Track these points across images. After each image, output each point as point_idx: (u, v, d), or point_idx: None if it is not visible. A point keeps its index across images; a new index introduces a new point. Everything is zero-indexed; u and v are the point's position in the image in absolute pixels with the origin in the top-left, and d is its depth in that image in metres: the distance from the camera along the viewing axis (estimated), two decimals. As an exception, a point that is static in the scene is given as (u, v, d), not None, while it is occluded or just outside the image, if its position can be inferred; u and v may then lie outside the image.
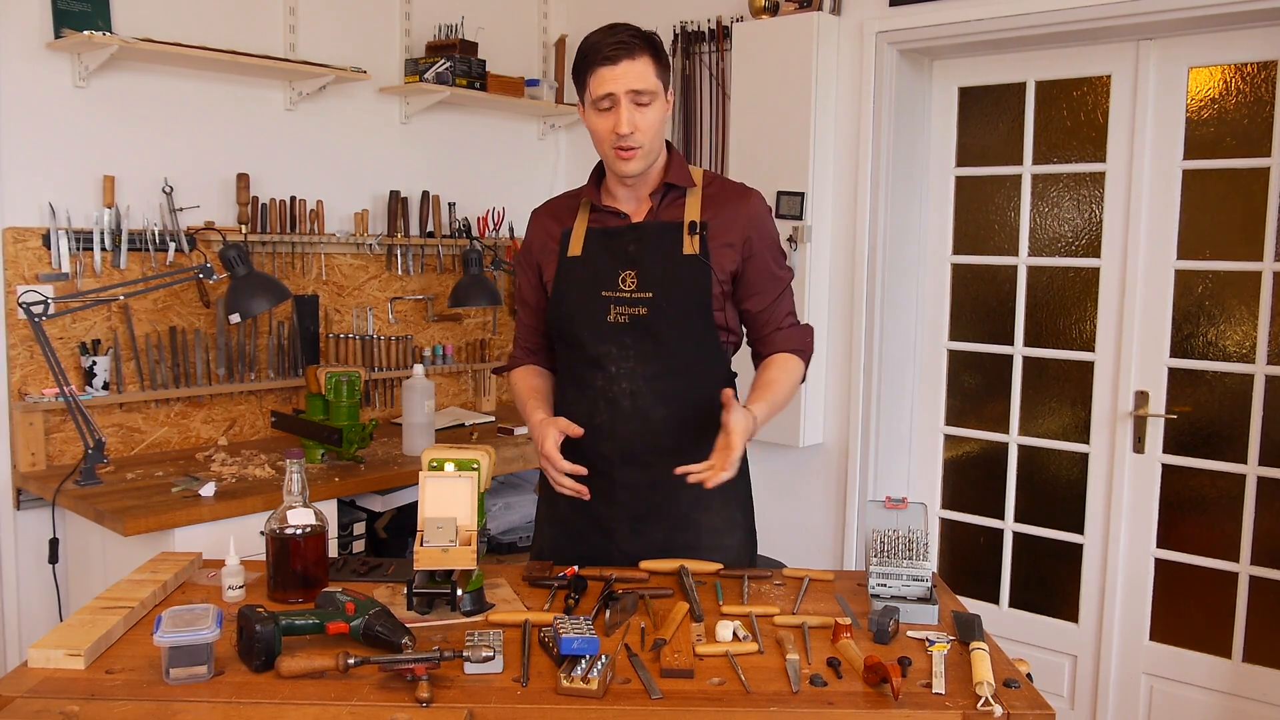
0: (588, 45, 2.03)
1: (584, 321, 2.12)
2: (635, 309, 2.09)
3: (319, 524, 1.93)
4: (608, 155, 2.08)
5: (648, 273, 2.10)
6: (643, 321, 2.09)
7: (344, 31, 3.69)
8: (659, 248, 2.11)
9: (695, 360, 2.13)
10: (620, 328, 2.10)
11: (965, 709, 1.51)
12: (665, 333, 2.09)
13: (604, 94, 2.00)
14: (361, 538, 3.23)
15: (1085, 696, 3.40)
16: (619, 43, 1.99)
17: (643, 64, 2.01)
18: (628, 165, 2.05)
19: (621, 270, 2.11)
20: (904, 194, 3.58)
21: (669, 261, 2.10)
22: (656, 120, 2.05)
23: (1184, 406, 3.21)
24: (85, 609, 1.78)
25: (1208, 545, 3.19)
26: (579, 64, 2.06)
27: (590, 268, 2.13)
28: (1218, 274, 3.14)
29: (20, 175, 2.98)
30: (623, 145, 2.02)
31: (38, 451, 3.01)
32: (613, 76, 1.99)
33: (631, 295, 2.10)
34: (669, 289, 2.09)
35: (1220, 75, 3.09)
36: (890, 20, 3.43)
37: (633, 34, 2.02)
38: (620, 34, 2.01)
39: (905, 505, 1.97)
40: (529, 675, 1.58)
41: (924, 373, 3.72)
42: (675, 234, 2.12)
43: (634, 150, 2.03)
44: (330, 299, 3.71)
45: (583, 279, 2.14)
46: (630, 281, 2.10)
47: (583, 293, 2.13)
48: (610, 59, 1.99)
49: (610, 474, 2.14)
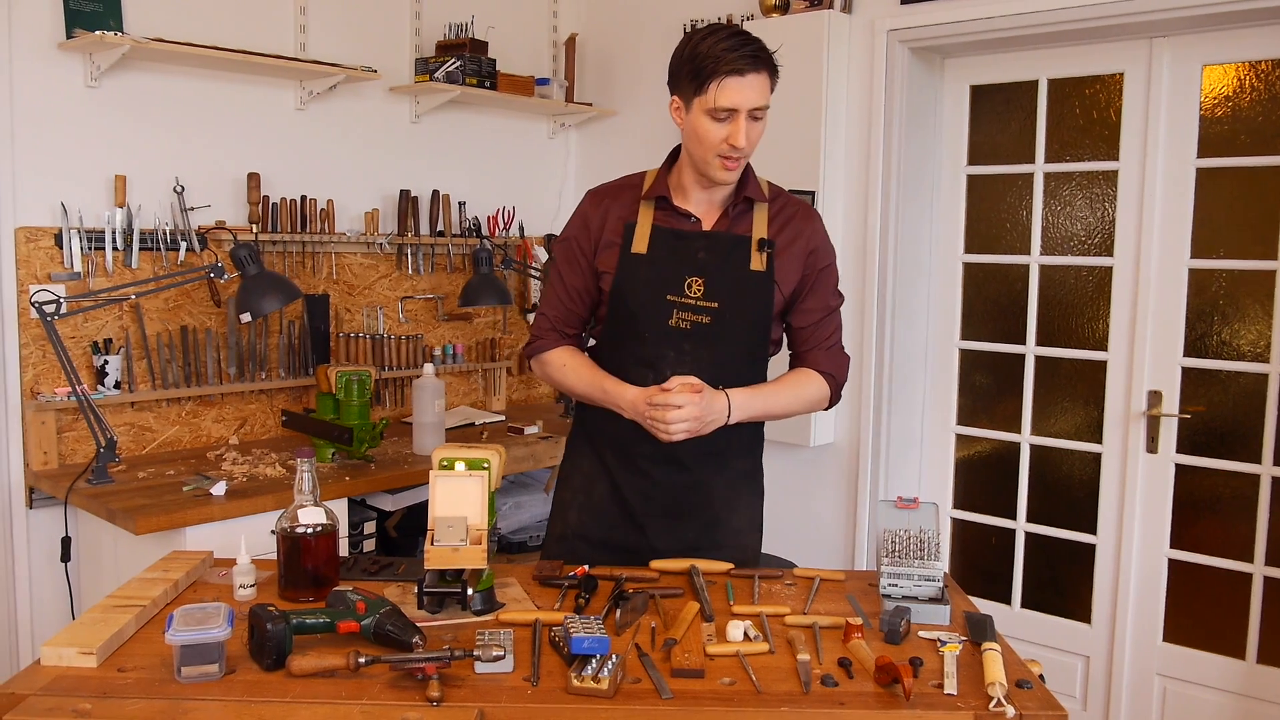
0: (714, 51, 1.97)
1: (646, 322, 2.12)
2: (699, 316, 2.11)
3: (330, 523, 1.93)
4: (709, 161, 2.05)
5: (715, 282, 2.10)
6: (705, 329, 2.11)
7: (354, 31, 3.70)
8: (729, 260, 2.12)
9: (745, 370, 2.17)
10: (681, 333, 2.11)
11: (977, 710, 1.50)
12: (725, 343, 2.12)
13: (728, 106, 1.98)
14: (372, 537, 3.24)
15: (1098, 697, 3.39)
16: (752, 56, 1.97)
17: (765, 79, 2.01)
18: (730, 175, 2.07)
19: (688, 276, 2.11)
20: (915, 193, 3.57)
21: (737, 275, 2.11)
22: (762, 133, 2.06)
23: (1197, 406, 3.19)
24: (97, 607, 1.78)
25: (1221, 546, 3.17)
26: (699, 66, 1.98)
27: (656, 268, 2.12)
28: (1232, 273, 3.12)
29: (32, 175, 2.99)
30: (732, 156, 2.03)
31: (50, 450, 3.02)
32: (740, 89, 1.97)
33: (697, 303, 2.10)
34: (735, 302, 2.11)
35: (1234, 73, 3.07)
36: (901, 18, 3.42)
37: (761, 47, 2.00)
38: (752, 45, 1.98)
39: (917, 505, 1.97)
40: (539, 674, 1.58)
41: (935, 372, 3.71)
42: (745, 248, 2.13)
43: (740, 161, 2.06)
44: (341, 298, 3.71)
45: (648, 278, 2.12)
46: (697, 288, 2.11)
47: (648, 292, 2.12)
48: (739, 70, 1.96)
49: (649, 472, 2.18)
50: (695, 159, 2.08)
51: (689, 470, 2.17)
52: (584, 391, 2.20)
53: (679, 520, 2.20)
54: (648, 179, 2.20)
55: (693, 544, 2.18)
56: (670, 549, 2.17)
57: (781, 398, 2.18)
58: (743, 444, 2.23)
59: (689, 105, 2.04)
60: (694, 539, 2.19)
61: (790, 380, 2.21)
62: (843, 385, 2.26)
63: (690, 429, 2.01)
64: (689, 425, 2.00)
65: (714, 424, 2.05)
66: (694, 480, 2.18)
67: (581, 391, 2.21)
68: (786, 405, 2.19)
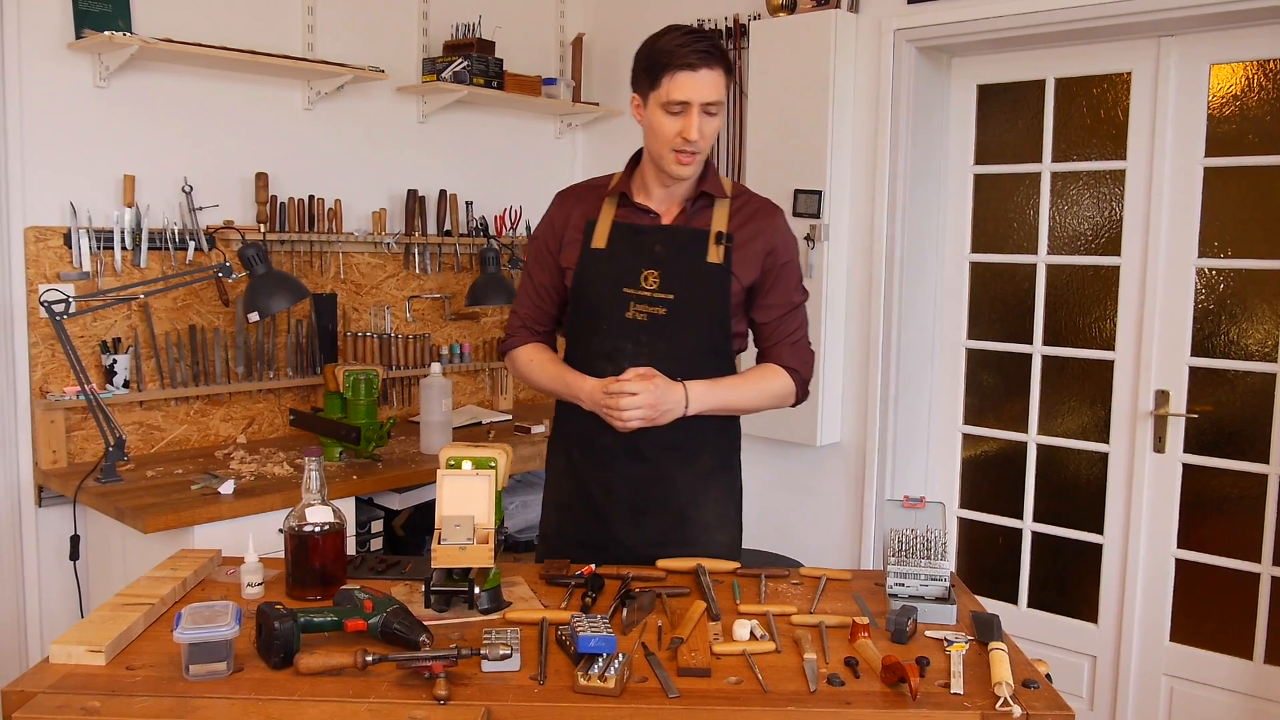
0: (667, 46, 2.05)
1: (604, 314, 2.16)
2: (655, 308, 2.13)
3: (337, 522, 1.93)
4: (665, 156, 2.10)
5: (670, 275, 2.14)
6: (660, 322, 2.13)
7: (362, 31, 3.70)
8: (685, 252, 2.15)
9: (705, 363, 2.18)
10: (638, 325, 2.14)
11: (984, 709, 1.50)
12: (681, 334, 2.14)
13: (681, 100, 2.03)
14: (379, 535, 3.24)
15: (1105, 697, 3.38)
16: (704, 51, 2.03)
17: (718, 75, 2.06)
18: (685, 169, 2.10)
19: (645, 269, 2.15)
20: (922, 192, 3.56)
21: (693, 267, 2.14)
22: (717, 129, 2.11)
23: (1205, 406, 3.18)
24: (106, 605, 1.79)
25: (1229, 546, 3.16)
26: (654, 62, 2.06)
27: (614, 262, 2.17)
28: (1239, 272, 3.12)
29: (42, 175, 3.01)
30: (685, 150, 2.07)
31: (59, 449, 3.04)
32: (692, 84, 2.03)
33: (653, 295, 2.14)
34: (690, 293, 2.13)
35: (1242, 72, 3.06)
36: (908, 17, 3.42)
37: (713, 44, 2.06)
38: (704, 41, 2.04)
39: (923, 504, 1.97)
40: (546, 673, 1.59)
41: (942, 371, 3.71)
42: (702, 241, 2.16)
43: (695, 156, 2.08)
44: (348, 298, 3.72)
45: (606, 272, 2.17)
46: (652, 281, 2.14)
47: (605, 285, 2.16)
48: (691, 65, 2.02)
49: (612, 465, 2.20)
50: (653, 154, 2.14)
51: (651, 464, 2.19)
52: (548, 385, 2.25)
53: (643, 515, 2.21)
54: (614, 179, 2.25)
55: (658, 539, 2.19)
56: (636, 543, 2.19)
57: (743, 391, 2.19)
58: (709, 440, 2.23)
59: (646, 101, 2.10)
60: (659, 534, 2.20)
61: (753, 374, 2.23)
62: (809, 381, 2.27)
63: (644, 415, 2.04)
64: (643, 412, 2.04)
65: (670, 413, 2.08)
66: (656, 474, 2.19)
67: (546, 385, 2.26)
68: (750, 399, 2.21)
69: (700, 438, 2.21)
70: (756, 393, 2.21)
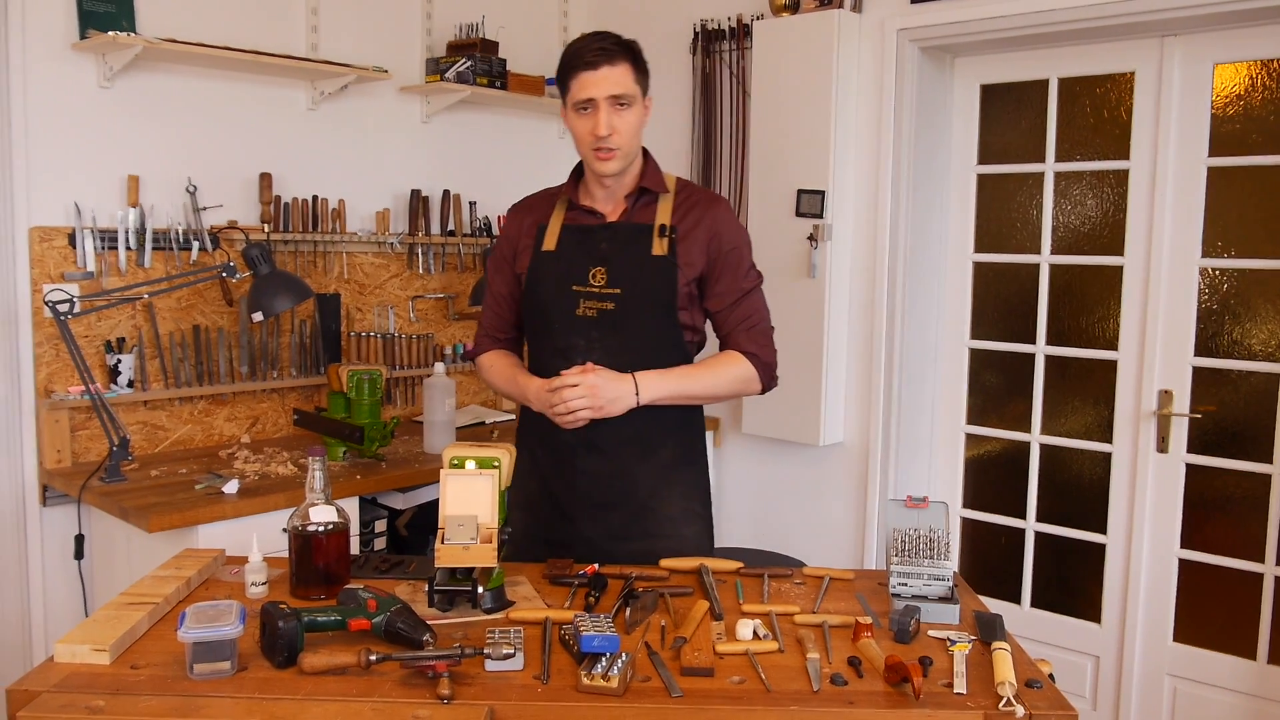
0: (570, 51, 2.14)
1: (555, 313, 2.21)
2: (603, 303, 2.19)
3: (341, 521, 1.94)
4: (587, 156, 2.18)
5: (617, 270, 2.19)
6: (610, 316, 2.18)
7: (365, 31, 3.71)
8: (630, 247, 2.21)
9: (658, 355, 2.21)
10: (589, 321, 2.19)
11: (987, 709, 1.50)
12: (630, 328, 2.18)
13: (585, 98, 2.11)
14: (383, 535, 3.25)
15: (1108, 697, 3.38)
16: (601, 49, 2.11)
17: (622, 70, 2.12)
18: (606, 165, 2.16)
19: (592, 266, 2.20)
20: (925, 192, 3.56)
21: (638, 260, 2.19)
22: (634, 123, 2.16)
23: (1208, 405, 3.18)
24: (110, 605, 1.79)
25: (1232, 545, 3.16)
26: (562, 69, 2.17)
27: (563, 262, 2.23)
28: (1243, 272, 3.11)
29: (46, 175, 3.01)
30: (601, 147, 2.13)
31: (63, 449, 3.04)
32: (593, 81, 2.11)
33: (601, 290, 2.19)
34: (636, 286, 2.18)
35: (1246, 71, 3.06)
36: (911, 17, 3.42)
37: (614, 41, 2.13)
38: (603, 40, 2.13)
39: (926, 504, 1.97)
40: (549, 673, 1.59)
41: (945, 371, 3.71)
42: (646, 235, 2.21)
43: (613, 152, 2.14)
44: (352, 297, 3.72)
45: (555, 272, 2.23)
46: (600, 277, 2.19)
47: (555, 285, 2.22)
48: (591, 64, 2.11)
49: (573, 461, 2.23)
50: (581, 156, 2.22)
51: (610, 458, 2.22)
52: (505, 389, 2.32)
53: (605, 509, 2.24)
54: (562, 187, 2.33)
55: (621, 533, 2.23)
56: (598, 536, 2.22)
57: (699, 379, 2.21)
58: (670, 433, 2.26)
59: (566, 108, 2.19)
60: (622, 528, 2.23)
61: (709, 361, 2.25)
62: (773, 365, 2.28)
63: (589, 404, 2.07)
64: (585, 401, 2.07)
65: (618, 401, 2.10)
66: (616, 468, 2.22)
67: (503, 389, 2.33)
68: (707, 386, 2.22)
69: (661, 431, 2.24)
70: (713, 379, 2.22)
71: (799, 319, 3.59)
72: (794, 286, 3.60)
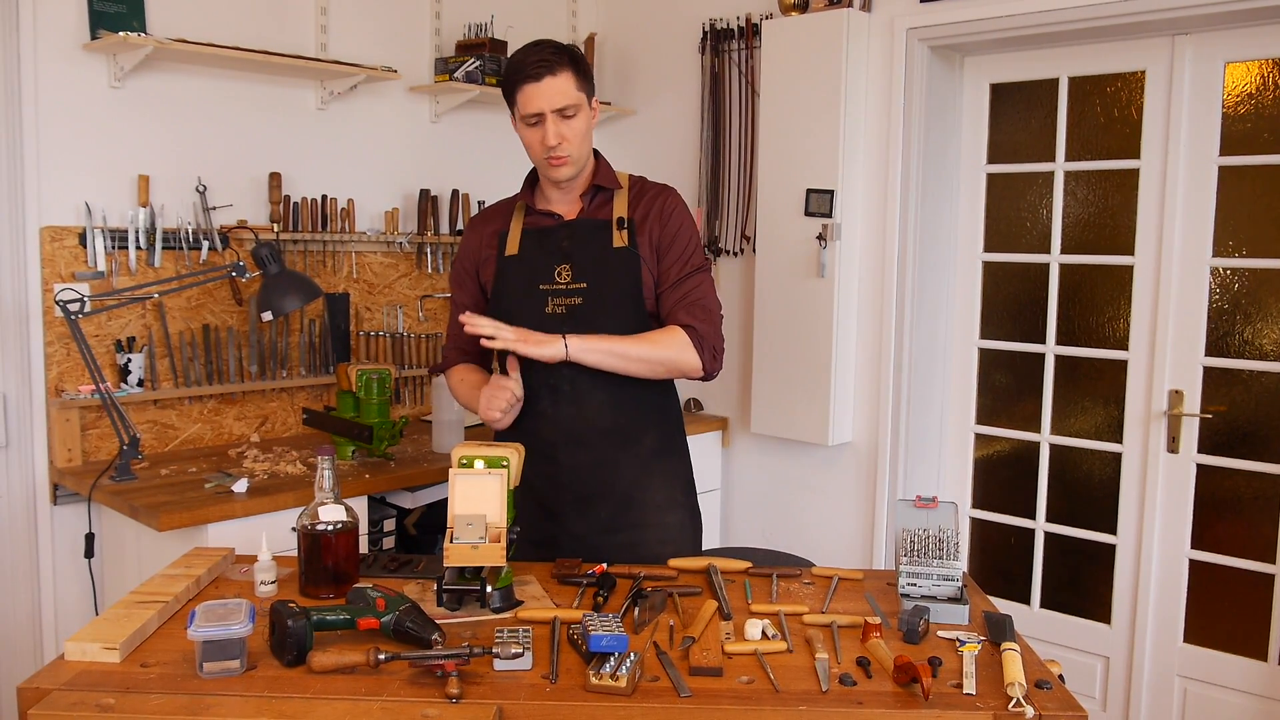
0: (512, 64, 2.18)
1: (524, 315, 2.22)
2: (571, 299, 2.22)
3: (350, 520, 1.94)
4: (540, 164, 2.24)
5: (581, 265, 2.23)
6: (578, 311, 2.22)
7: (375, 31, 3.71)
8: (591, 242, 2.25)
9: None
10: (558, 318, 2.22)
11: (996, 710, 1.50)
12: (600, 320, 2.21)
13: (532, 112, 2.16)
14: (392, 534, 3.25)
15: (1118, 698, 3.37)
16: (541, 60, 2.14)
17: (564, 79, 2.15)
18: (559, 172, 2.21)
19: (557, 265, 2.24)
20: (935, 191, 3.56)
21: (601, 254, 2.23)
22: (582, 129, 2.20)
23: (1219, 406, 3.17)
24: (120, 603, 1.80)
25: (1243, 546, 3.15)
26: (506, 81, 2.21)
27: (527, 264, 2.26)
28: (1254, 271, 3.10)
29: (57, 175, 3.02)
30: (552, 156, 2.18)
31: (74, 448, 3.05)
32: (537, 94, 2.14)
33: (567, 287, 2.23)
34: (602, 279, 2.22)
35: (1257, 70, 3.05)
36: (921, 16, 3.41)
37: (554, 50, 2.16)
38: (542, 51, 2.15)
39: (935, 504, 1.96)
40: (558, 672, 1.59)
41: (955, 371, 3.70)
42: (605, 230, 2.26)
43: (564, 158, 2.19)
44: (361, 297, 3.73)
45: (520, 275, 2.26)
46: (565, 274, 2.23)
47: (521, 288, 2.26)
48: (534, 76, 2.14)
49: (555, 457, 2.25)
50: (534, 163, 2.27)
51: (591, 448, 2.25)
52: (467, 402, 2.36)
53: (589, 503, 2.26)
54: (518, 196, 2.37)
55: (607, 525, 2.25)
56: (585, 531, 2.25)
57: (634, 343, 2.18)
58: (650, 422, 2.30)
59: (515, 118, 2.23)
60: (607, 520, 2.26)
61: (646, 333, 2.23)
62: (714, 344, 2.25)
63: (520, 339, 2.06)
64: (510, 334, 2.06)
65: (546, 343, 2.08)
66: (598, 459, 2.25)
67: (466, 402, 2.37)
68: (641, 351, 2.18)
69: (640, 421, 2.28)
70: (649, 346, 2.19)
71: (808, 318, 3.59)
72: (803, 286, 3.60)
